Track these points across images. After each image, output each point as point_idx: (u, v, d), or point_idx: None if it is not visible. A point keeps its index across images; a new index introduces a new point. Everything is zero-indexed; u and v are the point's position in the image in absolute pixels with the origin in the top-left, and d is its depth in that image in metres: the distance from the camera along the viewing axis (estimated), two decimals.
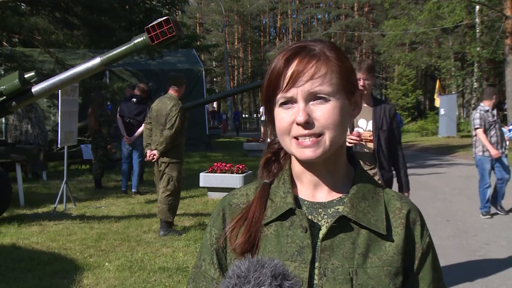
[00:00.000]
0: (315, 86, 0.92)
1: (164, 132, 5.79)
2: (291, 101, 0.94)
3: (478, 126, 6.91)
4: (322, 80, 0.92)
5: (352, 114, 1.00)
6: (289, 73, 0.93)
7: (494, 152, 6.86)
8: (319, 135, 0.93)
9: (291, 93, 0.93)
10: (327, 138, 0.94)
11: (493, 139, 6.91)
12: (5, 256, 5.04)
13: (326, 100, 0.93)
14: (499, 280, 4.59)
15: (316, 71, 0.92)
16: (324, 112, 0.93)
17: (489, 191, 7.11)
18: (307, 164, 1.00)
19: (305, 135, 0.93)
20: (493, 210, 7.28)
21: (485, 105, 6.93)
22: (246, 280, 0.79)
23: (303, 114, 0.92)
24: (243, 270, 0.81)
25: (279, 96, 0.95)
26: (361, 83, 3.64)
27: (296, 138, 0.94)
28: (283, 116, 0.95)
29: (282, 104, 0.95)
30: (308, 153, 0.94)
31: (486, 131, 6.86)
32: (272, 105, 0.98)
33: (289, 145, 0.96)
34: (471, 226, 6.62)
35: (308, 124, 0.92)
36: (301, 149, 0.94)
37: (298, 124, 0.93)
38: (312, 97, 0.93)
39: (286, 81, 0.93)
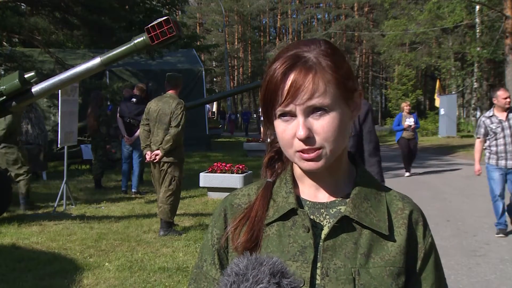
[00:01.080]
0: (314, 100, 0.92)
1: (171, 130, 5.78)
2: (290, 113, 0.94)
3: (477, 136, 6.26)
4: (321, 94, 0.92)
5: (352, 116, 1.00)
6: (286, 87, 0.92)
7: (476, 168, 6.35)
8: (321, 147, 0.93)
9: (290, 107, 0.93)
10: (328, 150, 0.93)
11: (500, 148, 5.92)
12: (5, 256, 5.04)
13: (325, 111, 0.93)
14: (499, 280, 4.58)
15: (315, 87, 0.92)
16: (324, 125, 0.92)
17: (501, 204, 6.00)
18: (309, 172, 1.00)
19: (307, 150, 0.93)
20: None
21: (493, 109, 6.10)
22: (245, 278, 0.79)
23: (303, 129, 0.91)
24: (242, 267, 0.80)
25: (278, 109, 0.95)
26: None
27: (299, 151, 0.95)
28: (284, 129, 0.95)
29: (281, 115, 0.95)
30: (311, 165, 0.94)
31: (493, 140, 5.96)
32: (271, 115, 0.97)
33: (293, 157, 0.97)
34: (471, 226, 6.62)
35: (309, 138, 0.92)
36: (304, 161, 0.94)
37: (299, 139, 0.93)
38: (311, 110, 0.93)
39: (284, 96, 0.93)
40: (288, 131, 0.94)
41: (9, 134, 7.04)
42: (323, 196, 1.02)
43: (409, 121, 11.18)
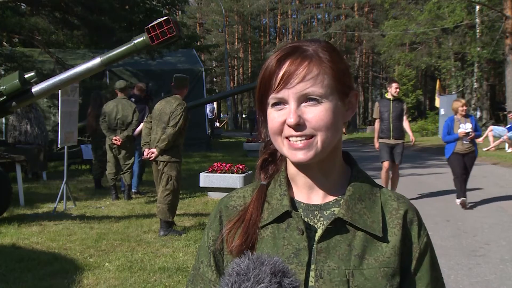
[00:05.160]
0: (307, 87, 0.92)
1: (167, 129, 5.80)
2: (282, 101, 0.94)
3: None
4: (314, 81, 0.92)
5: (346, 115, 0.99)
6: (280, 73, 0.93)
7: None
8: (311, 136, 0.93)
9: (283, 94, 0.93)
10: (318, 140, 0.93)
11: None
12: (5, 256, 5.04)
13: (318, 101, 0.92)
14: (499, 280, 4.58)
15: (308, 72, 0.92)
16: (315, 114, 0.92)
17: None
18: (301, 166, 0.99)
19: (296, 137, 0.93)
20: None
21: None
22: (246, 277, 0.79)
23: (294, 116, 0.91)
24: (243, 267, 0.81)
25: (271, 96, 0.95)
26: None
27: (288, 139, 0.94)
28: (275, 116, 0.95)
29: (274, 104, 0.95)
30: (300, 156, 0.94)
31: None
32: (265, 105, 0.97)
33: (281, 145, 0.96)
34: (471, 226, 6.62)
35: (299, 126, 0.92)
36: (293, 151, 0.94)
37: (289, 125, 0.92)
38: (304, 98, 0.92)
39: (277, 82, 0.93)
40: (279, 117, 0.94)
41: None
42: (317, 198, 1.01)
43: (465, 127, 7.67)
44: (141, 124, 8.13)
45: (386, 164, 8.03)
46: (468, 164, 7.75)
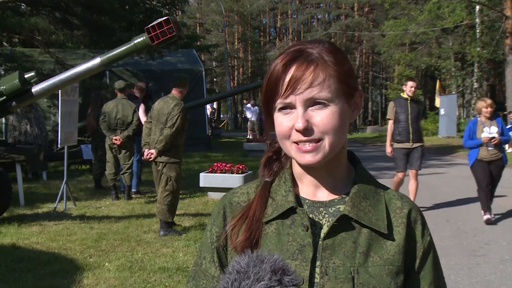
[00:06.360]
0: (314, 92, 0.92)
1: (164, 130, 5.79)
2: (290, 106, 0.94)
3: None
4: (321, 86, 0.92)
5: (352, 116, 1.00)
6: (287, 79, 0.93)
7: None
8: (319, 140, 0.93)
9: (290, 99, 0.93)
10: (326, 143, 0.94)
11: None
12: (5, 256, 5.04)
13: (325, 105, 0.93)
14: (499, 280, 4.58)
15: (315, 78, 0.92)
16: (323, 118, 0.93)
17: None
18: (307, 166, 1.00)
19: (305, 141, 0.93)
20: None
21: None
22: (246, 275, 0.79)
23: (302, 120, 0.92)
24: (243, 265, 0.81)
25: (278, 101, 0.95)
26: None
27: (296, 142, 0.95)
28: (282, 121, 0.95)
29: (281, 108, 0.96)
30: (308, 158, 0.94)
31: None
32: (271, 109, 0.98)
33: (290, 149, 0.97)
34: (471, 226, 6.62)
35: (307, 130, 0.93)
36: (301, 154, 0.94)
37: (297, 130, 0.93)
38: (311, 102, 0.93)
39: (284, 88, 0.93)
40: (287, 122, 0.95)
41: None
42: (323, 195, 1.02)
43: (489, 130, 6.75)
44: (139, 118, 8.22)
45: (401, 175, 7.30)
46: (494, 172, 6.89)
